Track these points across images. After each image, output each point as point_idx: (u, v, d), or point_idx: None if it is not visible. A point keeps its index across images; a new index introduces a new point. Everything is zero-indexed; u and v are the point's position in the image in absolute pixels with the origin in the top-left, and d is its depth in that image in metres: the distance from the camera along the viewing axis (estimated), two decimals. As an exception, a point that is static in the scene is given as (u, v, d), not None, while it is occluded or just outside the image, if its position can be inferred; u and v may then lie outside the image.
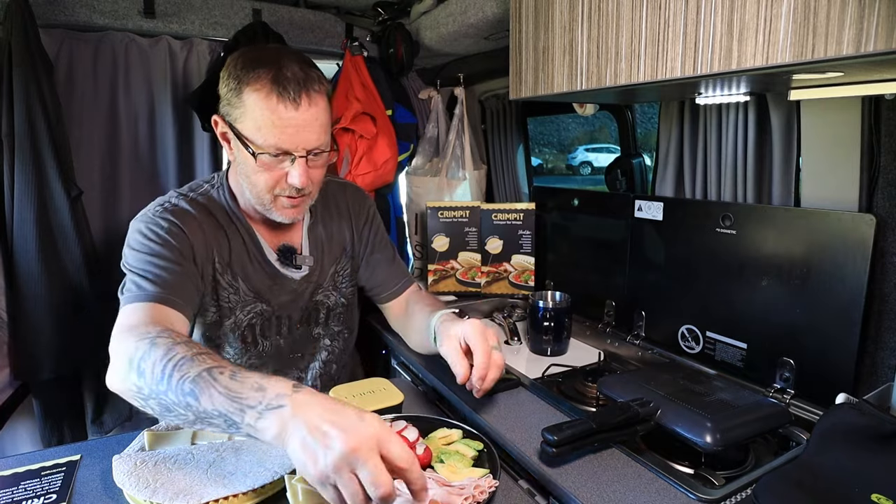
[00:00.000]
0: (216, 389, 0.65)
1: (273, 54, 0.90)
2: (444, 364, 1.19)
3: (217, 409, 0.65)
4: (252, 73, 0.87)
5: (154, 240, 0.92)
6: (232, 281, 1.02)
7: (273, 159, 0.90)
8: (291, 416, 0.60)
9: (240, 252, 1.03)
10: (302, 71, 0.89)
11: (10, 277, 1.33)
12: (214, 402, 0.65)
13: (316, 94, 0.90)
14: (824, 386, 0.99)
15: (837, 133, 0.99)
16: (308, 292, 1.11)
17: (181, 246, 0.93)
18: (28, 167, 1.29)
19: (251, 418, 0.63)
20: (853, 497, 0.68)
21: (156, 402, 0.70)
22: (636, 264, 1.39)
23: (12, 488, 0.78)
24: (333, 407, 0.62)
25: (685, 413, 0.87)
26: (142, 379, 0.70)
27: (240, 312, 1.04)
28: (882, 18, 0.56)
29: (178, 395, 0.67)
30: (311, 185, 0.95)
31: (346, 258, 1.17)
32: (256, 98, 0.87)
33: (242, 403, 0.63)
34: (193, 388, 0.66)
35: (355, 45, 1.79)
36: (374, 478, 0.56)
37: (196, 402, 0.65)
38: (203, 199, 1.02)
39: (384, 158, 1.79)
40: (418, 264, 2.06)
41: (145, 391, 0.70)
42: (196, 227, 0.97)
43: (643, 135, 1.93)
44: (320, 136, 0.92)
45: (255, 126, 0.88)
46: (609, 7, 0.91)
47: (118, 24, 1.48)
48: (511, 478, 0.85)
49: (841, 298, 0.97)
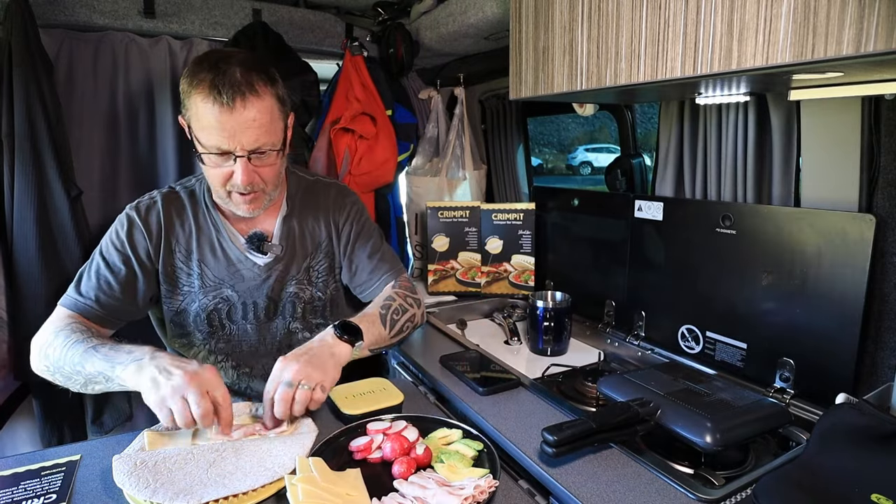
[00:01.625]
0: (97, 357, 0.89)
1: (217, 58, 0.94)
2: (445, 364, 1.20)
3: (97, 370, 0.88)
4: (196, 76, 0.93)
5: (114, 241, 1.06)
6: (195, 267, 1.10)
7: (218, 158, 0.96)
8: (148, 362, 0.84)
9: (206, 240, 1.11)
10: (243, 75, 0.92)
11: (10, 277, 1.33)
12: (95, 366, 0.89)
13: (253, 96, 0.93)
14: (824, 386, 0.99)
15: (837, 133, 0.99)
16: (273, 280, 1.13)
17: (133, 248, 1.06)
18: (28, 167, 1.29)
19: (119, 370, 0.86)
20: (853, 497, 0.68)
21: (60, 375, 0.94)
22: (636, 264, 1.39)
23: (12, 488, 0.78)
24: (180, 359, 0.86)
25: (685, 413, 0.87)
26: (48, 360, 0.94)
27: (204, 297, 1.10)
28: (882, 18, 0.56)
29: (71, 365, 0.91)
30: (260, 182, 1.00)
31: (321, 254, 1.19)
32: (198, 100, 0.92)
33: (114, 362, 0.87)
34: (81, 360, 0.90)
35: (355, 45, 1.79)
36: (196, 400, 0.80)
37: (83, 368, 0.90)
38: (184, 192, 1.13)
39: (384, 158, 1.79)
40: (418, 264, 2.06)
41: (51, 368, 0.94)
42: (155, 223, 1.08)
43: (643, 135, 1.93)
44: (260, 137, 0.95)
45: (199, 127, 0.94)
46: (609, 7, 0.91)
47: (118, 24, 1.49)
48: (511, 478, 0.85)
49: (841, 298, 0.97)
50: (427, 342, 1.40)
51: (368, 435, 0.89)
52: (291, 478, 0.74)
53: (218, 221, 1.11)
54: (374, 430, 0.90)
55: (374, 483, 0.77)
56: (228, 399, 0.85)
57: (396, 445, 0.83)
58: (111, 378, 0.88)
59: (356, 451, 0.85)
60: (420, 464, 0.81)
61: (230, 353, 1.15)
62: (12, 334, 1.35)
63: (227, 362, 1.15)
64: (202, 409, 0.80)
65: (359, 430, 0.91)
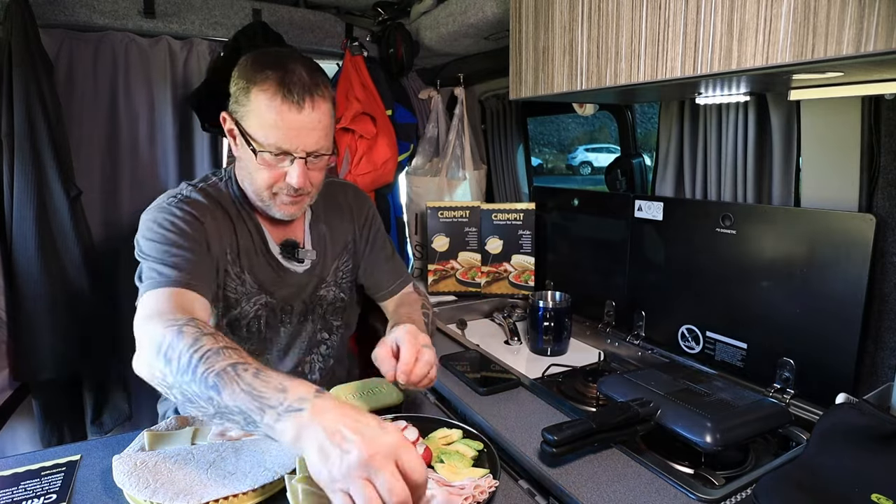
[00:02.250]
0: (239, 386, 0.65)
1: (282, 57, 0.94)
2: (445, 364, 1.20)
3: (238, 405, 0.65)
4: (261, 73, 0.91)
5: (170, 229, 0.93)
6: (240, 272, 1.05)
7: (274, 158, 0.93)
8: (310, 420, 0.60)
9: (247, 244, 1.05)
10: (308, 75, 0.92)
11: (10, 277, 1.33)
12: (236, 398, 0.65)
13: (320, 98, 0.92)
14: (824, 386, 0.99)
15: (837, 133, 0.99)
16: (311, 286, 1.13)
17: (197, 235, 0.94)
18: (28, 167, 1.29)
19: (270, 418, 0.63)
20: (853, 497, 0.68)
21: (179, 392, 0.71)
22: (636, 264, 1.39)
23: (12, 488, 0.78)
24: (353, 414, 0.61)
25: (685, 413, 0.87)
26: (168, 367, 0.71)
27: (245, 304, 1.06)
28: (882, 18, 0.56)
29: (202, 387, 0.67)
30: (309, 185, 0.97)
31: (349, 254, 1.19)
32: (263, 98, 0.90)
33: (263, 403, 0.64)
34: (217, 382, 0.66)
35: (355, 45, 1.79)
36: (390, 485, 0.56)
37: (218, 396, 0.66)
38: (213, 191, 1.04)
39: (384, 158, 1.79)
40: (418, 264, 2.06)
41: (169, 380, 0.71)
42: (209, 217, 0.99)
43: (643, 135, 1.93)
44: (321, 140, 0.94)
45: (260, 125, 0.91)
46: (609, 7, 0.91)
47: (118, 24, 1.48)
48: (511, 478, 0.85)
49: (841, 298, 0.97)
50: (427, 342, 1.40)
51: (368, 435, 0.89)
52: (291, 478, 0.74)
53: (261, 227, 1.07)
54: (374, 430, 0.90)
55: (374, 483, 0.77)
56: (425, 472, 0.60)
57: (396, 445, 0.83)
58: (255, 423, 0.65)
59: (356, 451, 0.85)
60: (420, 464, 0.81)
61: (259, 354, 1.11)
62: (12, 334, 1.35)
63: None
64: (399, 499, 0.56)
65: (359, 430, 0.91)
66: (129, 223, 1.57)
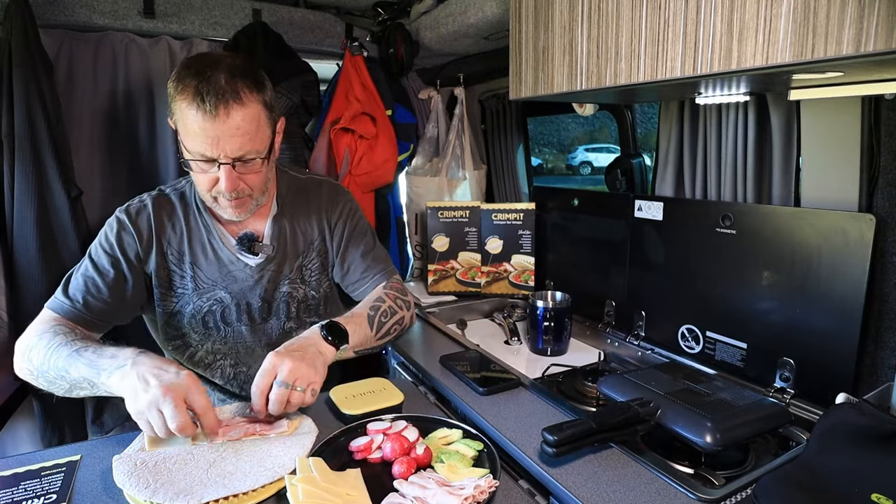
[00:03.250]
0: (81, 362, 0.86)
1: (205, 63, 0.93)
2: (445, 364, 1.20)
3: (82, 375, 0.86)
4: (181, 82, 0.91)
5: (103, 245, 1.05)
6: (188, 270, 1.09)
7: (203, 164, 0.95)
8: (129, 370, 0.81)
9: (198, 242, 1.10)
10: (228, 81, 0.91)
11: (10, 277, 1.33)
12: (80, 371, 0.86)
13: (237, 104, 0.91)
14: (824, 386, 0.99)
15: (837, 133, 0.99)
16: (266, 280, 1.13)
17: (123, 251, 1.05)
18: (28, 167, 1.29)
19: (104, 377, 0.83)
20: (853, 497, 0.68)
21: (43, 379, 0.91)
22: (636, 264, 1.39)
23: (12, 488, 0.78)
24: (160, 364, 0.82)
25: (685, 413, 0.87)
26: (31, 364, 0.92)
27: (198, 299, 1.10)
28: (882, 18, 0.56)
29: (55, 370, 0.88)
30: (245, 188, 1.00)
31: (314, 252, 1.19)
32: (183, 106, 0.91)
33: (98, 368, 0.85)
34: (65, 364, 0.87)
35: (355, 45, 1.79)
36: (171, 413, 0.77)
37: (67, 373, 0.87)
38: (175, 195, 1.12)
39: (384, 158, 1.79)
40: (418, 264, 2.06)
41: (34, 372, 0.92)
42: (145, 226, 1.07)
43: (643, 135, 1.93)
44: (245, 144, 0.94)
45: (184, 133, 0.94)
46: (609, 7, 0.91)
47: (118, 24, 1.49)
48: (511, 478, 0.85)
49: (841, 298, 0.97)
50: (427, 342, 1.40)
51: (368, 435, 0.89)
52: (291, 478, 0.74)
53: (209, 223, 1.10)
54: (375, 430, 0.90)
55: (374, 483, 0.77)
56: (208, 406, 0.83)
57: (396, 445, 0.83)
58: (96, 385, 0.85)
59: (356, 451, 0.85)
60: (420, 464, 0.81)
61: (227, 353, 1.15)
62: (12, 334, 1.35)
63: (224, 361, 1.15)
64: (177, 423, 0.77)
65: (359, 430, 0.91)
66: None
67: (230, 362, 1.15)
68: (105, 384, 0.84)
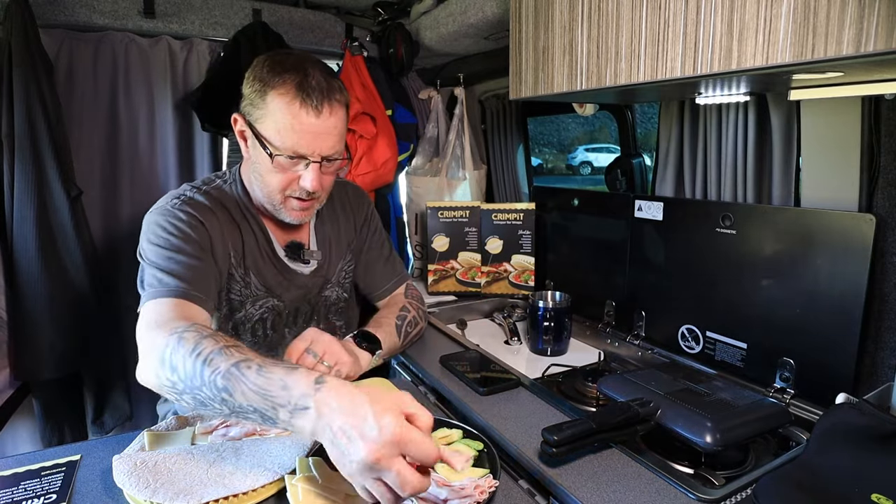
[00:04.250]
0: (247, 386, 0.67)
1: (300, 61, 0.94)
2: (445, 364, 1.20)
3: (251, 404, 0.67)
4: (278, 77, 0.90)
5: (174, 233, 0.92)
6: (244, 275, 1.04)
7: (289, 161, 0.93)
8: (318, 419, 0.62)
9: (252, 247, 1.05)
10: (326, 80, 0.93)
11: (10, 277, 1.33)
12: (247, 398, 0.67)
13: (337, 103, 0.93)
14: (824, 386, 0.99)
15: (837, 133, 0.99)
16: (317, 287, 1.13)
17: (200, 239, 0.94)
18: (28, 167, 1.29)
19: (285, 416, 0.65)
20: (853, 497, 0.68)
21: (190, 397, 0.72)
22: (636, 264, 1.39)
23: (12, 488, 0.78)
24: (353, 408, 0.61)
25: (685, 413, 0.87)
26: (175, 374, 0.72)
27: (250, 307, 1.06)
28: (882, 18, 0.56)
29: (212, 390, 0.69)
30: (321, 189, 0.99)
31: (351, 254, 1.20)
32: (280, 102, 0.90)
33: (273, 402, 0.65)
34: (226, 385, 0.68)
35: (355, 45, 1.79)
36: (400, 481, 0.57)
37: (230, 397, 0.68)
38: (216, 193, 1.03)
39: (384, 158, 1.79)
40: (418, 264, 2.06)
41: (180, 386, 0.72)
42: (213, 220, 0.98)
43: (643, 135, 1.93)
44: (336, 144, 0.95)
45: (276, 128, 0.91)
46: (609, 7, 0.91)
47: (118, 24, 1.49)
48: (511, 478, 0.85)
49: (841, 298, 0.97)
50: (427, 342, 1.40)
51: (368, 435, 0.89)
52: (291, 478, 0.74)
53: (266, 230, 1.07)
54: (375, 430, 0.90)
55: (374, 483, 0.77)
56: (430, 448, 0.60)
57: (396, 445, 0.83)
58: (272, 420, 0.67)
59: (356, 451, 0.85)
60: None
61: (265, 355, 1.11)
62: (12, 334, 1.35)
63: None
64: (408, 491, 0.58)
65: (359, 430, 0.91)
66: (129, 223, 1.57)
67: None
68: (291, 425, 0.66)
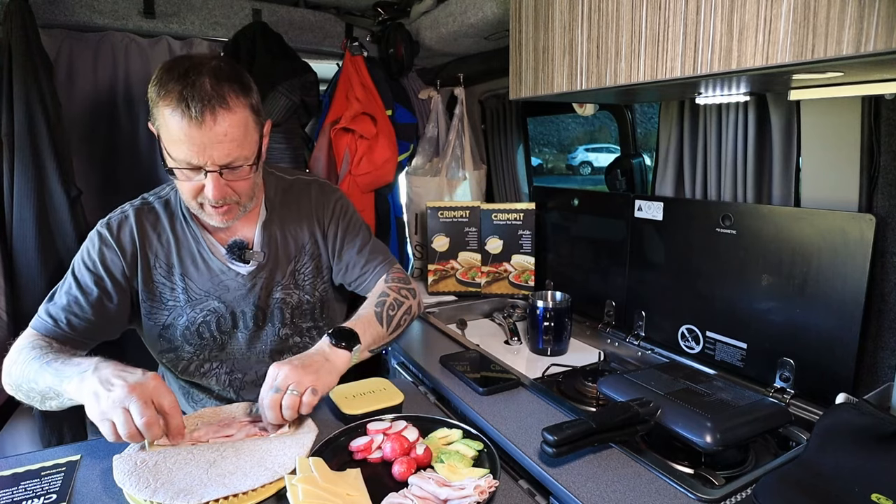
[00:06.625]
0: (48, 372, 0.86)
1: (187, 66, 0.89)
2: (445, 364, 1.20)
3: (48, 385, 0.86)
4: (164, 88, 0.87)
5: (86, 262, 1.03)
6: (178, 281, 1.06)
7: (188, 172, 0.92)
8: (90, 375, 0.81)
9: (187, 252, 1.07)
10: (214, 86, 0.87)
11: (11, 277, 1.33)
12: (47, 381, 0.86)
13: (224, 110, 0.88)
14: (824, 386, 0.99)
15: (837, 133, 0.99)
16: (259, 288, 1.10)
17: (106, 268, 1.02)
18: (28, 167, 1.29)
19: (66, 385, 0.83)
20: (853, 497, 0.68)
21: (20, 392, 0.93)
22: (636, 264, 1.39)
23: (12, 488, 0.78)
24: (124, 367, 0.83)
25: (685, 413, 0.87)
26: (10, 378, 0.93)
27: (191, 311, 1.07)
28: (882, 18, 0.56)
29: (28, 382, 0.89)
30: (232, 195, 0.97)
31: (306, 256, 1.16)
32: (166, 112, 0.87)
33: (62, 376, 0.84)
34: (35, 376, 0.88)
35: (355, 46, 1.79)
36: (139, 410, 0.76)
37: (36, 384, 0.88)
38: (159, 203, 1.09)
39: (384, 158, 1.79)
40: (418, 264, 2.06)
41: (13, 386, 0.93)
42: (129, 240, 1.04)
43: (643, 135, 1.93)
44: (233, 151, 0.91)
45: (168, 140, 0.90)
46: (609, 7, 0.91)
47: (118, 24, 1.49)
48: (511, 478, 0.85)
49: (841, 298, 0.97)
50: (427, 342, 1.40)
51: (368, 435, 0.89)
52: (291, 478, 0.74)
53: (197, 232, 1.07)
54: (375, 430, 0.90)
55: (374, 483, 0.77)
56: (176, 407, 0.82)
57: (396, 445, 0.83)
58: (60, 393, 0.84)
59: (356, 451, 0.85)
60: (420, 464, 0.81)
61: (223, 360, 1.12)
62: (12, 334, 1.35)
63: (220, 368, 1.12)
64: (145, 419, 0.76)
65: (359, 430, 0.91)
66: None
67: (225, 369, 1.13)
68: (66, 391, 0.82)
